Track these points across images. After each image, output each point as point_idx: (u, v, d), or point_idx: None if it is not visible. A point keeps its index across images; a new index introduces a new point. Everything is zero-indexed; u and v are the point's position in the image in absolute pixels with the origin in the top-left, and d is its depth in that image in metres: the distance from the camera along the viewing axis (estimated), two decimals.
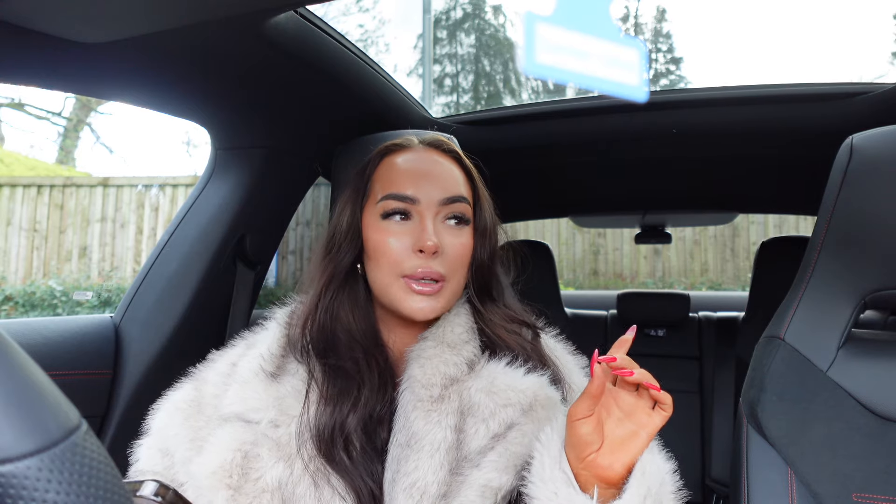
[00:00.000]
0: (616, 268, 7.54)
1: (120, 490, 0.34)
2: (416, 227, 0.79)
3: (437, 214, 0.80)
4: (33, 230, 5.62)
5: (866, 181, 0.89)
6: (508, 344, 0.82)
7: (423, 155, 0.84)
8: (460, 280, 0.81)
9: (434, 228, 0.78)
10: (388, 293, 0.79)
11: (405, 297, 0.77)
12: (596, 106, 1.49)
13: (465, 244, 0.81)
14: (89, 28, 0.77)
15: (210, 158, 1.31)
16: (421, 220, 0.79)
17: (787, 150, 1.60)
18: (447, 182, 0.81)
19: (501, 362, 0.79)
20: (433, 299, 0.77)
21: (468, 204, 0.82)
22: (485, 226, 0.84)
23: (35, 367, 0.34)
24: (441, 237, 0.78)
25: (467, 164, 0.86)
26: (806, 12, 14.28)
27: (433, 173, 0.81)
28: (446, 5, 11.97)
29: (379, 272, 0.79)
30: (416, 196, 0.79)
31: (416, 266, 0.77)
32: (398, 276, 0.77)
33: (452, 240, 0.80)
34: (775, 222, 6.72)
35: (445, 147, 0.86)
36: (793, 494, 0.85)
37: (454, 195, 0.80)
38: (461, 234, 0.81)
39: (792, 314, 0.95)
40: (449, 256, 0.78)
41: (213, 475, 0.71)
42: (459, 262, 0.80)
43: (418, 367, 0.77)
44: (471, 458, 0.73)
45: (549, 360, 0.84)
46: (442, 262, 0.78)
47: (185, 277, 1.24)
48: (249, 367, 0.80)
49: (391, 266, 0.78)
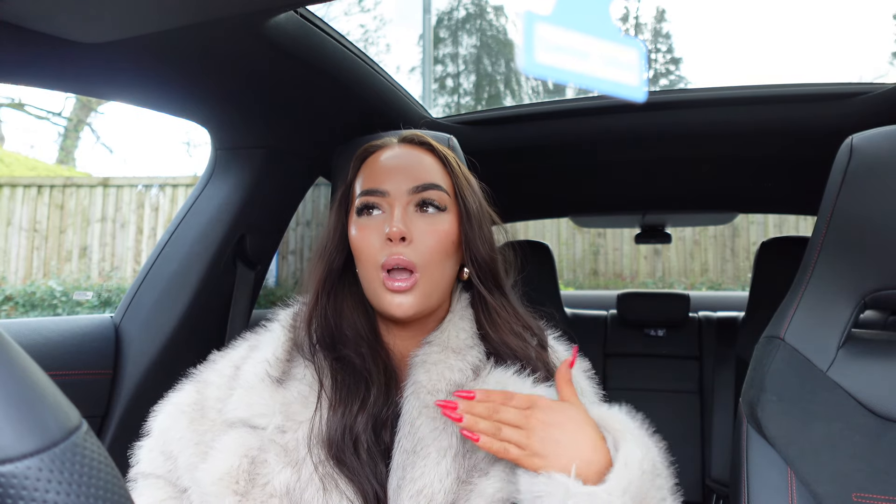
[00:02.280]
0: (616, 268, 7.54)
1: (120, 490, 0.34)
2: (387, 218, 0.79)
3: (409, 203, 0.79)
4: (33, 230, 5.62)
5: (866, 181, 0.89)
6: (514, 350, 0.80)
7: (397, 150, 0.84)
8: (439, 270, 0.79)
9: (404, 217, 0.78)
10: (370, 290, 0.79)
11: (383, 294, 0.77)
12: (596, 106, 1.48)
13: (443, 231, 0.79)
14: (89, 28, 0.77)
15: (210, 158, 1.31)
16: (391, 210, 0.79)
17: (787, 150, 1.59)
18: (417, 171, 0.81)
19: (509, 370, 0.78)
20: (409, 295, 0.76)
21: (442, 191, 0.81)
22: (470, 212, 0.82)
23: (35, 367, 0.34)
24: (412, 225, 0.78)
25: (442, 152, 0.85)
26: (806, 12, 14.27)
27: (402, 165, 0.81)
28: (448, 5, 11.97)
29: (362, 269, 0.80)
30: (385, 188, 0.79)
31: (388, 254, 0.76)
32: (377, 270, 0.77)
33: (426, 227, 0.78)
34: (775, 222, 6.72)
35: (417, 140, 0.86)
36: (793, 494, 0.85)
37: (424, 182, 0.80)
38: (437, 221, 0.79)
39: (792, 314, 0.95)
40: (421, 244, 0.77)
41: (219, 481, 0.71)
42: (435, 250, 0.78)
43: (424, 373, 0.77)
44: (479, 466, 0.72)
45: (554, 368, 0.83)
46: (414, 249, 0.77)
47: (185, 277, 1.24)
48: (254, 372, 0.79)
49: (369, 260, 0.78)
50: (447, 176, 0.84)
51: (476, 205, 0.84)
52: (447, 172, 0.84)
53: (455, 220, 0.81)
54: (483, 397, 0.69)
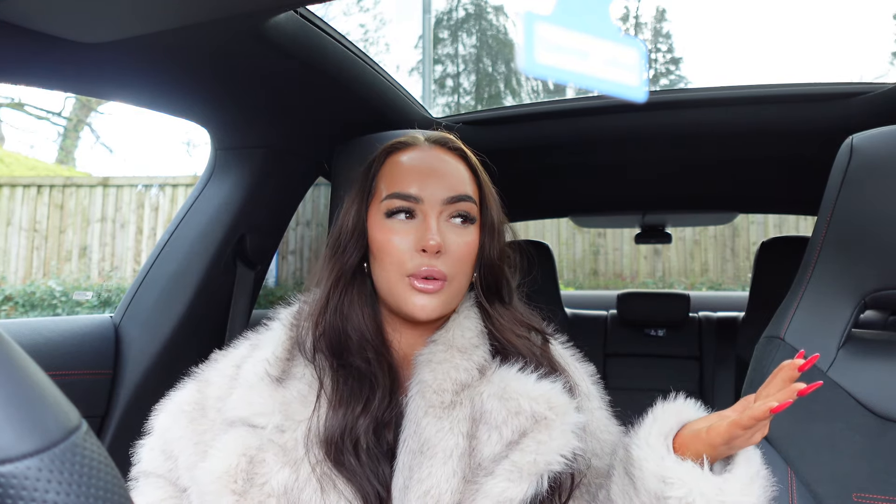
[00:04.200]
0: (616, 268, 7.54)
1: (120, 490, 0.34)
2: (420, 225, 0.78)
3: (442, 213, 0.79)
4: (33, 230, 5.62)
5: (866, 181, 0.89)
6: (519, 349, 0.80)
7: (428, 153, 0.83)
8: (463, 279, 0.80)
9: (438, 227, 0.77)
10: (392, 292, 0.78)
11: (408, 295, 0.76)
12: (596, 106, 1.48)
13: (470, 243, 0.80)
14: (89, 28, 0.77)
15: (210, 158, 1.31)
16: (425, 218, 0.78)
17: (787, 150, 1.59)
18: (452, 180, 0.80)
19: (513, 368, 0.77)
20: (435, 297, 0.76)
21: (473, 203, 0.81)
22: (492, 224, 0.83)
23: (35, 367, 0.34)
24: (445, 236, 0.77)
25: (473, 161, 0.85)
26: (806, 12, 14.28)
27: (438, 171, 0.80)
28: (448, 5, 11.97)
29: (383, 272, 0.79)
30: (420, 195, 0.78)
31: (419, 265, 0.76)
32: (402, 276, 0.77)
33: (457, 238, 0.78)
34: (775, 222, 6.71)
35: (451, 145, 0.85)
36: (793, 494, 0.85)
37: (459, 194, 0.79)
38: (466, 233, 0.80)
39: (792, 314, 0.95)
40: (453, 256, 0.78)
41: (218, 480, 0.70)
42: (463, 262, 0.79)
43: (429, 372, 0.76)
44: (484, 465, 0.72)
45: (559, 366, 0.83)
46: (445, 261, 0.77)
47: (185, 277, 1.24)
48: (254, 371, 0.79)
49: (395, 265, 0.77)
50: (476, 186, 0.83)
51: (498, 217, 0.84)
52: (476, 184, 0.84)
53: (478, 231, 0.82)
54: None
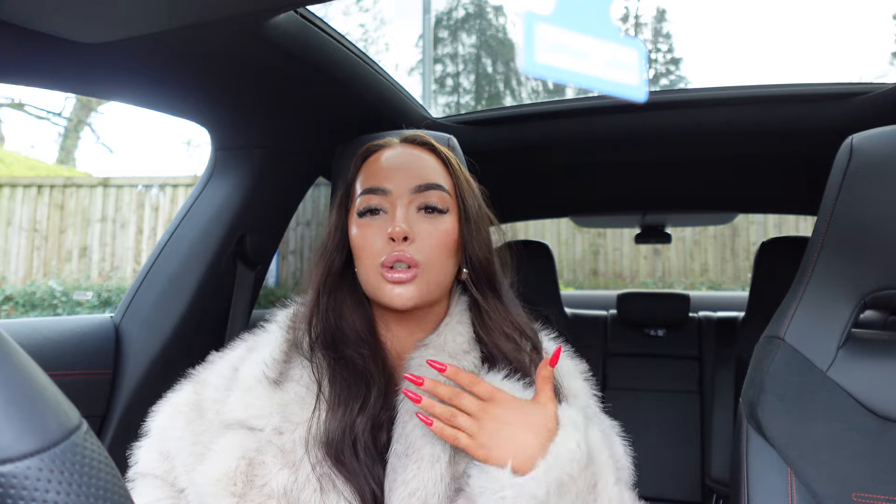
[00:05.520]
0: (616, 268, 7.54)
1: (120, 490, 0.34)
2: (389, 218, 0.79)
3: (411, 203, 0.79)
4: (33, 230, 5.62)
5: (866, 181, 0.89)
6: (507, 355, 0.81)
7: (398, 150, 0.85)
8: (441, 268, 0.80)
9: (407, 216, 0.78)
10: (370, 284, 0.79)
11: (383, 285, 0.77)
12: (596, 106, 1.48)
13: (445, 231, 0.80)
14: (89, 28, 0.77)
15: (210, 158, 1.31)
16: (393, 209, 0.79)
17: (787, 150, 1.59)
18: (419, 171, 0.81)
19: (499, 375, 0.78)
20: (410, 285, 0.76)
21: (444, 191, 0.82)
22: (470, 213, 0.83)
23: (35, 367, 0.34)
24: (416, 225, 0.78)
25: (444, 153, 0.86)
26: (806, 12, 14.28)
27: (405, 164, 0.82)
28: (448, 5, 11.97)
29: (362, 268, 0.80)
30: (388, 187, 0.80)
31: (389, 252, 0.76)
32: (377, 268, 0.77)
33: (428, 226, 0.79)
34: (775, 222, 6.72)
35: (419, 140, 0.87)
36: (793, 494, 0.85)
37: (427, 182, 0.80)
38: (439, 222, 0.80)
39: (792, 314, 0.95)
40: (425, 242, 0.78)
41: (217, 482, 0.71)
42: (439, 249, 0.79)
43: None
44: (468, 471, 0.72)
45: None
46: (417, 247, 0.77)
47: (185, 277, 1.24)
48: (252, 374, 0.79)
49: (370, 259, 0.78)
50: (448, 177, 0.84)
51: (475, 206, 0.85)
52: (448, 173, 0.84)
53: (455, 220, 0.82)
54: (453, 373, 0.71)
